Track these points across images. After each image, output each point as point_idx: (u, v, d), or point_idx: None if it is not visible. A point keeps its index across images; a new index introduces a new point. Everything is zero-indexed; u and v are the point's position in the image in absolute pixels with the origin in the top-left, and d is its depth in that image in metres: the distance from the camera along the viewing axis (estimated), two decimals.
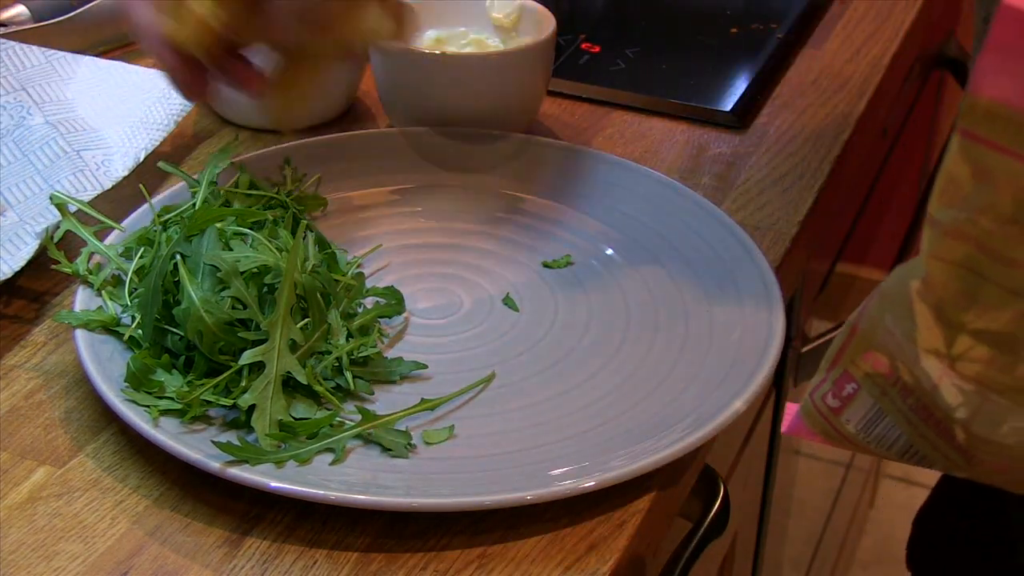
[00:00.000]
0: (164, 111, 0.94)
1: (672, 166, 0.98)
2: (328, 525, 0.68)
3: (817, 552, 1.63)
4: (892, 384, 0.60)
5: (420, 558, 0.66)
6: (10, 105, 0.94)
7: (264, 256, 0.74)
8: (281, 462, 0.68)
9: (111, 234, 0.83)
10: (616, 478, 0.68)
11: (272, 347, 0.71)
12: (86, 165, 0.89)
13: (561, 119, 1.05)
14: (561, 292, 0.84)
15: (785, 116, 1.06)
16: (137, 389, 0.72)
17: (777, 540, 1.33)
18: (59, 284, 0.85)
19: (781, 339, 0.78)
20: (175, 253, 0.74)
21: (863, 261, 1.53)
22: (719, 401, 0.73)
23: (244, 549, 0.66)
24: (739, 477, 1.04)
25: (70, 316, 0.76)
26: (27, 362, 0.78)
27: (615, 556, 0.67)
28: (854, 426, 0.62)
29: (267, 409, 0.70)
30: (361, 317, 0.78)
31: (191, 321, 0.71)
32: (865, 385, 0.61)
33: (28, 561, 0.65)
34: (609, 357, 0.79)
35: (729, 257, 0.85)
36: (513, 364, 0.78)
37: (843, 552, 1.90)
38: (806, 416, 0.65)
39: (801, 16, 1.21)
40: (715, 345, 0.79)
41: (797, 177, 0.98)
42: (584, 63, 1.12)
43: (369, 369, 0.76)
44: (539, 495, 0.67)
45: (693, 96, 1.07)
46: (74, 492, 0.69)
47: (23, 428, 0.73)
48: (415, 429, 0.72)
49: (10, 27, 1.06)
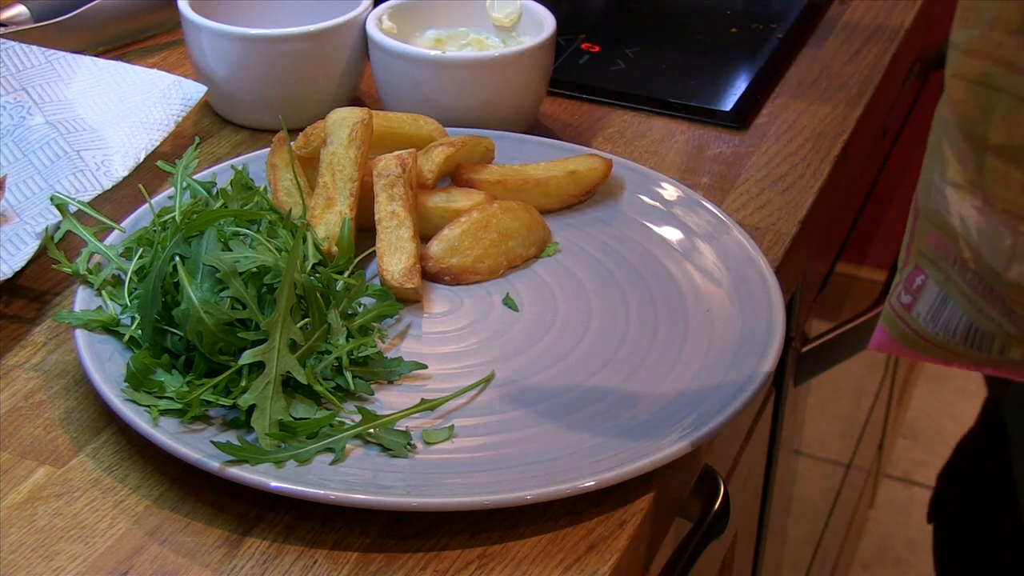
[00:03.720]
0: (164, 111, 0.94)
1: (672, 166, 0.98)
2: (328, 525, 0.68)
3: (817, 552, 1.62)
4: (952, 264, 0.64)
5: (420, 558, 0.66)
6: (10, 105, 0.94)
7: (263, 256, 0.74)
8: (281, 462, 0.68)
9: (111, 234, 0.83)
10: (616, 478, 0.68)
11: (272, 347, 0.71)
12: (86, 165, 0.89)
13: (561, 119, 1.05)
14: (561, 292, 0.84)
15: (785, 116, 1.06)
16: (137, 389, 0.72)
17: (777, 540, 1.33)
18: (59, 284, 0.85)
19: (781, 339, 0.78)
20: (174, 254, 0.74)
21: (863, 261, 1.53)
22: (719, 401, 0.73)
23: (244, 549, 0.66)
24: (739, 477, 1.04)
25: (70, 316, 0.76)
26: (27, 362, 0.78)
27: (615, 556, 0.67)
28: (923, 319, 0.66)
29: (267, 409, 0.70)
30: (361, 317, 0.78)
31: (191, 322, 0.71)
32: (931, 273, 0.65)
33: (28, 561, 0.65)
34: (609, 357, 0.79)
35: (729, 257, 0.85)
36: (513, 364, 0.78)
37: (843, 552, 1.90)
38: (886, 322, 0.69)
39: (801, 16, 1.21)
40: (715, 345, 0.79)
41: (797, 177, 0.98)
42: (584, 63, 1.12)
43: (369, 369, 0.76)
44: (539, 495, 0.67)
45: (693, 96, 1.07)
46: (74, 492, 0.69)
47: (23, 428, 0.74)
48: (415, 429, 0.72)
49: (10, 27, 1.06)
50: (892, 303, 0.69)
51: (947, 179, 0.62)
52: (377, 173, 0.84)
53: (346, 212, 0.83)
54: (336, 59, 1.00)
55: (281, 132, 0.89)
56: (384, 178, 0.84)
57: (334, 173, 0.84)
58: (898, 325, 0.68)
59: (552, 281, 0.85)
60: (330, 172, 0.84)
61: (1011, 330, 0.63)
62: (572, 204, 0.92)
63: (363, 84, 1.05)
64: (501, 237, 0.85)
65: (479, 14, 1.04)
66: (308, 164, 0.88)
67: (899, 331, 0.68)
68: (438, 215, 0.87)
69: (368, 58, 1.01)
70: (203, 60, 1.00)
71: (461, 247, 0.84)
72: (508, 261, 0.86)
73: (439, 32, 1.04)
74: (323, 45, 0.99)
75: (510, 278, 0.86)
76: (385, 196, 0.83)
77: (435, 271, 0.84)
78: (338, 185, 0.84)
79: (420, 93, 0.97)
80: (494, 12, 1.03)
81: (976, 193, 0.60)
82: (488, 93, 0.97)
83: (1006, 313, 0.62)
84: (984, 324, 0.64)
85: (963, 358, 0.67)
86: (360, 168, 0.84)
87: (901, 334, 0.68)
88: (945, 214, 0.63)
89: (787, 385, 1.13)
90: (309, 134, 0.88)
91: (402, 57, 0.96)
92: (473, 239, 0.85)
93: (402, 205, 0.83)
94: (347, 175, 0.84)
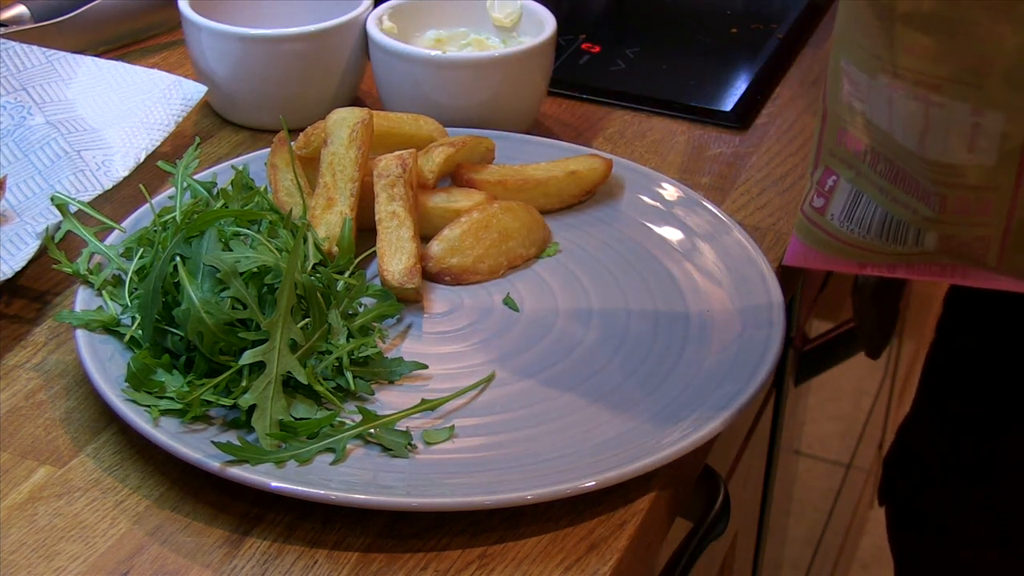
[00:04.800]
0: (164, 111, 0.94)
1: (672, 166, 0.98)
2: (328, 525, 0.68)
3: (817, 552, 1.62)
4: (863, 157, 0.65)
5: (420, 558, 0.66)
6: (10, 105, 0.94)
7: (264, 256, 0.74)
8: (281, 462, 0.68)
9: (111, 234, 0.83)
10: (616, 478, 0.68)
11: (272, 347, 0.71)
12: (86, 165, 0.89)
13: (561, 119, 1.05)
14: (561, 292, 0.84)
15: (785, 116, 1.06)
16: (137, 389, 0.72)
17: (777, 540, 1.33)
18: (59, 284, 0.85)
19: (781, 339, 0.78)
20: (175, 254, 0.74)
21: None
22: (719, 401, 0.73)
23: (244, 549, 0.66)
24: (739, 477, 1.04)
25: (70, 316, 0.76)
26: (27, 362, 0.78)
27: (615, 556, 0.67)
28: (838, 219, 0.67)
29: (267, 409, 0.70)
30: (361, 317, 0.78)
31: (191, 322, 0.71)
32: (842, 172, 0.66)
33: (28, 561, 0.65)
34: (609, 357, 0.79)
35: (729, 257, 0.85)
36: (513, 364, 0.78)
37: (843, 552, 1.90)
38: (799, 230, 0.70)
39: (801, 16, 1.21)
40: (715, 345, 0.79)
41: (797, 177, 0.98)
42: (584, 63, 1.12)
43: (369, 369, 0.76)
44: (539, 495, 0.67)
45: (693, 96, 1.07)
46: (74, 492, 0.69)
47: (23, 428, 0.74)
48: (415, 429, 0.72)
49: (10, 27, 1.06)
50: (804, 210, 0.69)
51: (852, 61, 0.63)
52: (377, 173, 0.84)
53: (347, 212, 0.83)
54: (336, 59, 1.00)
55: (281, 132, 0.89)
56: (384, 178, 0.84)
57: (335, 173, 0.84)
58: (812, 231, 0.69)
59: (552, 281, 0.85)
60: (331, 172, 0.84)
61: (926, 212, 0.63)
62: (572, 204, 0.92)
63: (363, 84, 1.05)
64: (501, 237, 0.85)
65: (479, 14, 1.04)
66: (309, 164, 0.88)
67: (813, 237, 0.69)
68: (438, 215, 0.87)
69: (368, 58, 1.01)
70: (203, 60, 1.00)
71: (461, 247, 0.84)
72: (508, 261, 0.86)
73: (439, 32, 1.04)
74: (323, 45, 0.99)
75: (510, 278, 0.86)
76: (385, 196, 0.84)
77: (435, 271, 0.84)
78: (339, 185, 0.84)
79: (420, 93, 0.97)
80: (494, 12, 1.03)
81: (887, 69, 0.61)
82: (488, 93, 0.97)
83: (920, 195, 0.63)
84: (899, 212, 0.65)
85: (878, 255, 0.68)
86: (361, 168, 0.85)
87: (815, 239, 0.69)
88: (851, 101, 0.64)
89: (787, 385, 1.13)
90: (309, 134, 0.88)
91: (402, 57, 0.96)
92: (473, 239, 0.85)
93: (402, 205, 0.83)
94: (348, 175, 0.84)
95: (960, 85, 0.59)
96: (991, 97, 0.59)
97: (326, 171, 0.85)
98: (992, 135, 0.59)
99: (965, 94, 0.59)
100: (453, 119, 0.96)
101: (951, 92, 0.59)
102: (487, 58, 0.97)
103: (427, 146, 0.89)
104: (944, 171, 0.61)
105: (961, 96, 0.59)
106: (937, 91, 0.60)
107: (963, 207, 0.62)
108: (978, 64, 0.58)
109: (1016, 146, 0.59)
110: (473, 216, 0.85)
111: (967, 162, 0.61)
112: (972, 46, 0.58)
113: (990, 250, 0.63)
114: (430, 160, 0.87)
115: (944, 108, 0.60)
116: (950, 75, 0.59)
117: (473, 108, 0.97)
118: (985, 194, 0.61)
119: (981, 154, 0.60)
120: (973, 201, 0.62)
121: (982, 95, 0.59)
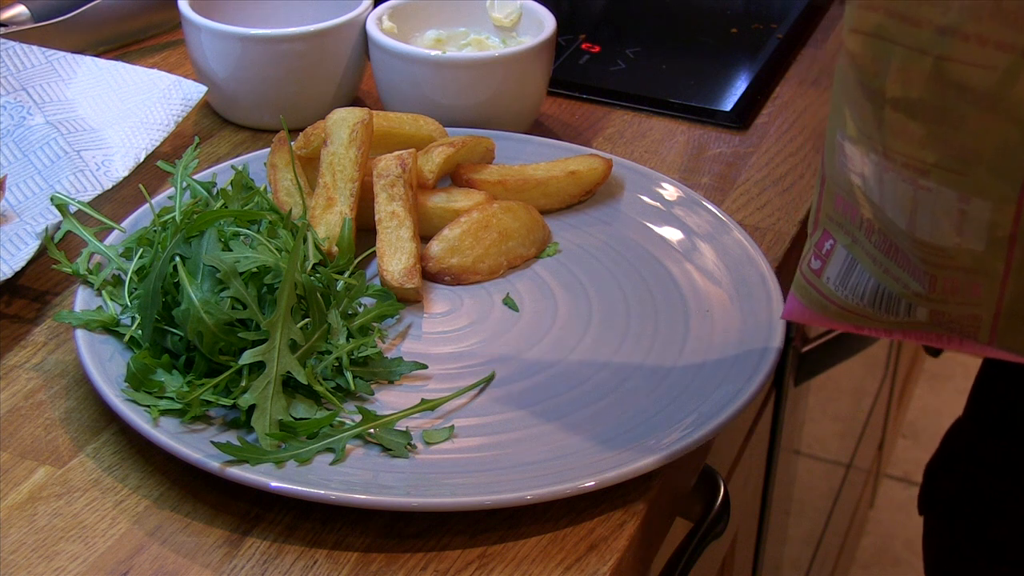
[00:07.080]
0: (164, 111, 0.95)
1: (672, 166, 0.98)
2: (328, 525, 0.68)
3: (817, 552, 1.62)
4: (858, 226, 0.65)
5: (420, 558, 0.66)
6: (10, 105, 0.94)
7: (263, 256, 0.74)
8: (281, 462, 0.68)
9: (111, 234, 0.83)
10: (616, 478, 0.68)
11: (272, 347, 0.71)
12: (86, 165, 0.89)
13: (561, 119, 1.05)
14: (561, 292, 0.84)
15: (785, 116, 1.06)
16: (137, 389, 0.72)
17: (777, 540, 1.33)
18: (59, 284, 0.85)
19: (781, 339, 0.78)
20: (174, 254, 0.74)
21: None
22: (719, 401, 0.73)
23: (244, 549, 0.66)
24: (739, 477, 1.04)
25: (70, 316, 0.76)
26: (27, 362, 0.78)
27: (615, 556, 0.67)
28: (833, 283, 0.67)
29: (267, 409, 0.70)
30: (361, 317, 0.78)
31: (191, 322, 0.71)
32: (838, 237, 0.66)
33: (28, 561, 0.65)
34: (609, 357, 0.79)
35: (729, 257, 0.85)
36: (513, 364, 0.78)
37: (843, 552, 1.90)
38: (797, 289, 0.70)
39: (801, 16, 1.21)
40: (715, 345, 0.79)
41: (797, 177, 0.98)
42: (584, 63, 1.12)
43: (369, 369, 0.76)
44: (539, 495, 0.67)
45: (693, 96, 1.07)
46: (74, 492, 0.69)
47: (23, 428, 0.74)
48: (415, 429, 0.72)
49: (10, 27, 1.06)
50: (803, 269, 0.69)
51: (847, 135, 0.63)
52: (377, 173, 0.84)
53: (346, 212, 0.83)
54: (336, 59, 1.00)
55: (281, 132, 0.89)
56: (384, 178, 0.84)
57: (334, 173, 0.84)
58: (809, 291, 0.69)
59: (552, 281, 0.85)
60: (330, 172, 0.84)
61: (916, 288, 0.63)
62: (572, 204, 0.92)
63: (363, 84, 1.05)
64: (501, 237, 0.85)
65: (479, 14, 1.04)
66: (308, 164, 0.88)
67: (810, 297, 0.69)
68: (438, 215, 0.87)
69: (368, 58, 1.01)
70: (203, 60, 1.00)
71: (461, 247, 0.84)
72: (508, 261, 0.86)
73: (439, 32, 1.04)
74: (323, 45, 0.99)
75: (510, 278, 0.86)
76: (385, 196, 0.84)
77: (435, 271, 0.84)
78: (338, 185, 0.84)
79: (420, 93, 0.97)
80: (494, 12, 1.03)
81: (876, 148, 0.61)
82: (488, 93, 0.97)
83: (911, 271, 0.63)
84: (890, 284, 0.65)
85: (873, 322, 0.68)
86: (360, 168, 0.85)
87: (812, 300, 0.69)
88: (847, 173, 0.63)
89: (787, 385, 1.13)
90: (309, 134, 0.88)
91: (402, 57, 0.96)
92: (473, 239, 0.85)
93: (402, 205, 0.83)
94: (347, 175, 0.84)
95: (947, 172, 0.59)
96: (978, 185, 0.58)
97: (326, 171, 0.85)
98: (979, 222, 0.59)
99: (952, 181, 0.59)
100: (453, 119, 0.96)
101: (938, 178, 0.59)
102: (487, 58, 0.97)
103: (427, 146, 0.89)
104: (933, 252, 0.61)
105: (948, 183, 0.59)
106: (925, 176, 0.59)
107: (952, 287, 0.62)
108: (964, 152, 0.58)
109: (1005, 235, 0.58)
110: (473, 216, 0.85)
111: (956, 245, 0.60)
112: (959, 135, 0.58)
113: (981, 328, 0.62)
114: (430, 160, 0.87)
115: (932, 193, 0.59)
116: (937, 161, 0.59)
117: (473, 108, 0.97)
118: (975, 277, 0.60)
119: (970, 239, 0.59)
120: (963, 282, 0.61)
121: (969, 183, 0.58)
